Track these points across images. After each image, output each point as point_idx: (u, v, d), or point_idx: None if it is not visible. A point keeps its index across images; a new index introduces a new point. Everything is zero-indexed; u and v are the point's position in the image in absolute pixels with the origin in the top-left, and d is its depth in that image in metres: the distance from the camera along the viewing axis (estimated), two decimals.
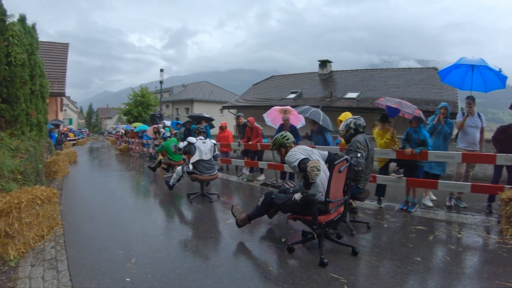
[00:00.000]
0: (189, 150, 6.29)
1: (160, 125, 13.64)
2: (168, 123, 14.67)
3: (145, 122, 24.73)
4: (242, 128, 9.27)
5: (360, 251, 3.83)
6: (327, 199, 3.47)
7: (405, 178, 5.46)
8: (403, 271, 3.34)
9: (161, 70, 23.59)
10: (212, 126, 11.54)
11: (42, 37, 10.71)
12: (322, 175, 3.65)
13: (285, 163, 4.65)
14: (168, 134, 9.79)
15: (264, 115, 8.58)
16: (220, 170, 10.28)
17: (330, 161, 3.83)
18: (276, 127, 8.25)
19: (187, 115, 12.42)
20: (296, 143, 4.29)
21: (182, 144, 6.47)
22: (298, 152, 3.69)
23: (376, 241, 4.35)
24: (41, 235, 4.28)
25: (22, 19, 8.33)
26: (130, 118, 33.37)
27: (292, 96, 20.64)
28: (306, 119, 7.97)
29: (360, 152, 4.20)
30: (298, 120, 8.15)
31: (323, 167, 3.81)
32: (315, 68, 23.84)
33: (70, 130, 31.01)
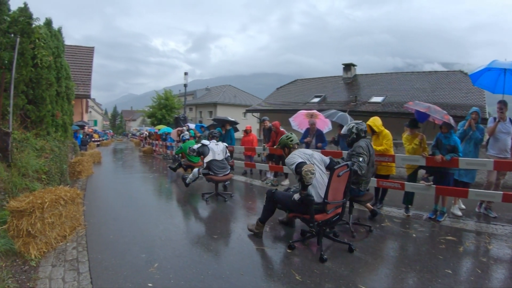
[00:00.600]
0: (203, 151, 6.70)
1: (184, 127, 13.74)
2: (192, 126, 14.76)
3: (168, 124, 24.94)
4: (267, 132, 9.12)
5: (390, 262, 3.70)
6: (325, 200, 3.69)
7: (434, 186, 5.20)
8: (433, 284, 3.15)
9: (186, 74, 23.68)
10: (236, 130, 11.47)
11: (68, 42, 10.95)
12: (319, 179, 3.90)
13: None
14: (187, 136, 10.00)
15: (290, 119, 8.42)
16: (244, 174, 10.26)
17: (331, 167, 3.92)
18: (302, 131, 8.07)
19: (212, 118, 12.39)
20: (299, 144, 4.47)
21: (196, 146, 6.90)
22: (297, 156, 3.95)
23: (405, 251, 4.13)
24: (63, 235, 4.26)
25: (48, 22, 8.49)
26: (154, 121, 33.88)
27: (316, 100, 20.32)
28: (333, 123, 7.76)
29: (362, 157, 4.43)
30: (324, 125, 7.95)
31: (320, 171, 4.01)
32: (339, 71, 23.49)
33: (95, 131, 31.65)
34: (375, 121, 5.75)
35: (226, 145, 7.19)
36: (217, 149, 6.76)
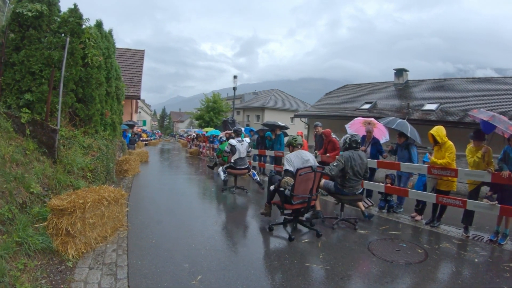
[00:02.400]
0: (232, 151, 7.65)
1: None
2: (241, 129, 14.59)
3: (216, 127, 25.07)
4: (319, 138, 8.54)
5: None
6: (292, 193, 4.51)
7: (499, 205, 4.50)
8: None
9: (235, 77, 23.52)
10: (286, 135, 11.09)
11: (119, 45, 11.22)
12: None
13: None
14: (224, 138, 10.36)
15: (347, 126, 7.86)
16: None
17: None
18: None
19: (262, 123, 12.25)
20: (302, 145, 5.04)
21: (227, 148, 7.79)
22: (293, 160, 4.61)
23: (467, 279, 3.54)
24: (104, 236, 4.09)
25: (99, 24, 8.60)
26: (202, 123, 34.35)
27: (367, 106, 19.32)
28: (391, 133, 7.19)
29: (337, 163, 5.10)
30: (382, 135, 7.33)
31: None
32: (387, 77, 22.28)
33: (144, 131, 32.64)
34: (439, 131, 5.21)
35: (248, 141, 8.05)
36: (242, 149, 7.73)
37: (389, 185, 6.34)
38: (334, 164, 5.08)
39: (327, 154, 7.64)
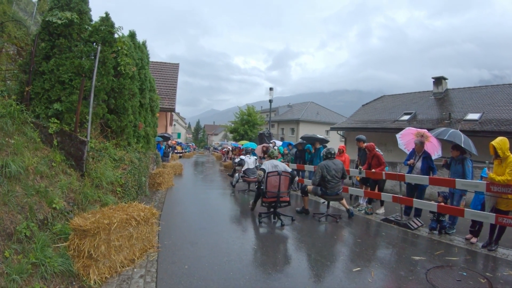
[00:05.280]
0: (241, 163, 10.00)
1: (270, 144, 13.22)
2: (278, 143, 14.16)
3: (251, 140, 24.67)
4: (363, 153, 7.90)
5: None
6: (264, 190, 5.96)
7: None
8: None
9: (271, 89, 23.01)
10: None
11: (154, 59, 11.20)
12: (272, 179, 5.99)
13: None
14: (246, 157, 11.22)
15: (398, 136, 7.14)
16: None
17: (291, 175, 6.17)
18: (408, 152, 6.75)
19: (301, 137, 11.85)
20: (282, 154, 8.18)
21: (237, 160, 10.39)
22: (268, 165, 6.07)
23: None
24: (131, 259, 3.66)
25: (132, 35, 8.44)
26: (236, 136, 34.21)
27: (406, 117, 18.21)
28: (444, 148, 6.70)
29: (316, 173, 6.49)
30: (434, 150, 6.61)
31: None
32: (422, 87, 20.95)
33: (178, 144, 32.84)
34: (502, 144, 4.60)
35: (256, 157, 10.42)
36: (249, 161, 9.88)
37: (442, 204, 5.64)
38: (315, 175, 6.50)
39: (373, 170, 6.96)
